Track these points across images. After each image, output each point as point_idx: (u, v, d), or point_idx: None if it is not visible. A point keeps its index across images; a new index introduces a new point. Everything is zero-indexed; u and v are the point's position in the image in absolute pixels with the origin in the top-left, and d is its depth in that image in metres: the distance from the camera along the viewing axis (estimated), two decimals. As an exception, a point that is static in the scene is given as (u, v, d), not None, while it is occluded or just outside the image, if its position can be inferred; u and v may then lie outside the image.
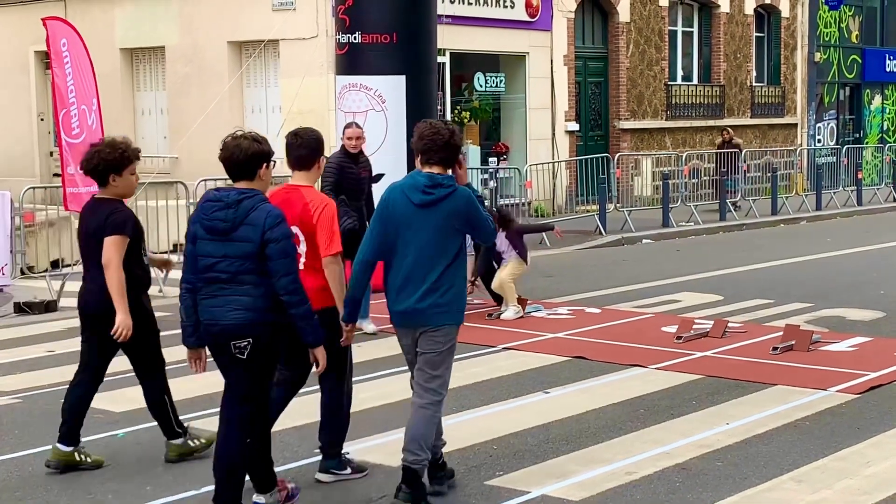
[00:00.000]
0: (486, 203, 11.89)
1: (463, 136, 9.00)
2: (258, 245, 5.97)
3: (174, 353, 10.75)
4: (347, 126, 11.57)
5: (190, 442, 7.54)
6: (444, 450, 6.91)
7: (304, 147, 6.92)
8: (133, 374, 10.00)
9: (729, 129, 26.56)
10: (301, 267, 6.41)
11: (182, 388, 9.41)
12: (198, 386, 9.47)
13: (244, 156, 6.12)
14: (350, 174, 11.19)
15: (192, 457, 7.44)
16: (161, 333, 11.87)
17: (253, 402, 6.16)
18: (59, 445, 7.29)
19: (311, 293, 6.30)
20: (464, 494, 6.73)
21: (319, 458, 7.27)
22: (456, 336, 6.60)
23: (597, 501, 6.61)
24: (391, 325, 6.83)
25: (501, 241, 12.52)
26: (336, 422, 6.99)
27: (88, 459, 7.34)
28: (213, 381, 9.63)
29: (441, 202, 6.45)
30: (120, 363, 10.39)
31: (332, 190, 10.74)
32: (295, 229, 6.55)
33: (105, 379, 9.71)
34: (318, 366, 6.29)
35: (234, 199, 6.04)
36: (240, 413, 6.15)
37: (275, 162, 6.33)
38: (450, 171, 6.57)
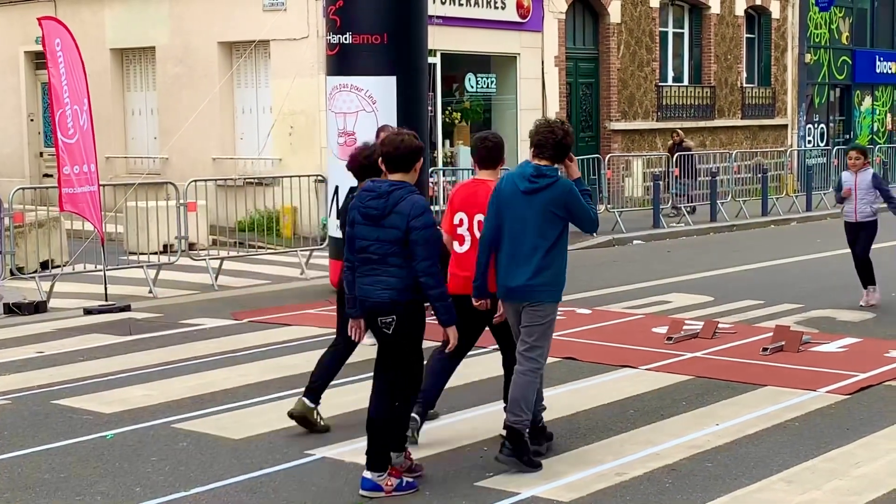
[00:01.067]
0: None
1: (502, 141, 9.17)
2: (404, 232, 6.68)
3: (173, 353, 10.76)
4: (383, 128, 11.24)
5: (318, 419, 8.10)
6: (435, 450, 6.97)
7: (493, 149, 7.92)
8: (121, 375, 10.01)
9: (679, 130, 25.82)
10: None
11: (171, 388, 9.41)
12: (185, 388, 9.47)
13: (407, 150, 6.83)
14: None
15: (310, 428, 8.03)
16: (154, 334, 11.90)
17: (400, 370, 6.91)
18: (304, 399, 8.04)
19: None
20: (454, 495, 6.73)
21: (308, 459, 7.28)
22: (555, 312, 7.40)
23: (587, 502, 6.61)
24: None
25: None
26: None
27: (321, 423, 8.06)
28: (202, 383, 9.63)
29: (543, 191, 7.28)
30: (110, 365, 10.40)
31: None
32: (480, 216, 7.59)
33: (94, 380, 9.73)
34: (451, 344, 6.96)
35: (386, 189, 6.77)
36: (390, 378, 6.93)
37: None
38: (557, 165, 7.39)
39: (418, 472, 7.03)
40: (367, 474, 6.76)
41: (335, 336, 8.42)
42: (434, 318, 6.83)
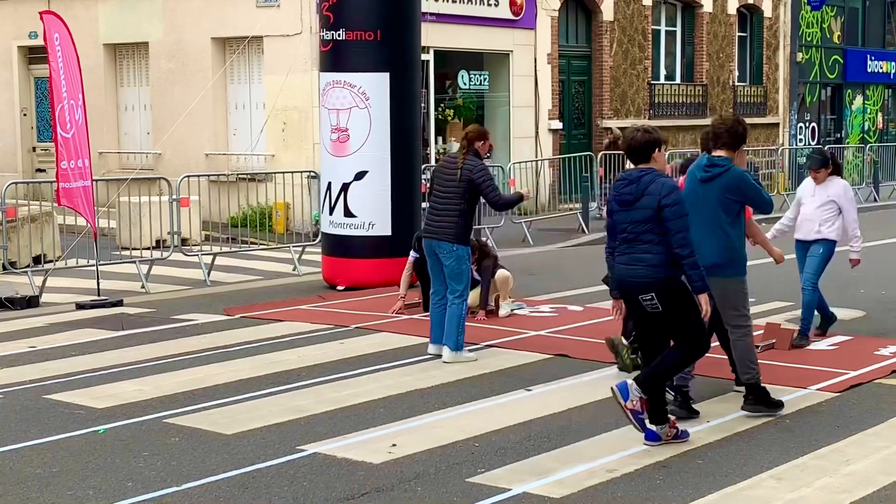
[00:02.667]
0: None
1: (488, 133, 10.43)
2: (655, 211, 7.51)
3: (165, 349, 10.77)
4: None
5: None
6: (426, 446, 7.01)
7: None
8: (113, 370, 10.02)
9: (615, 128, 24.90)
10: None
11: (164, 383, 9.42)
12: (178, 383, 9.49)
13: (638, 144, 7.78)
14: None
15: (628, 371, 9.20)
16: (147, 329, 11.90)
17: (685, 341, 7.66)
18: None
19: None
20: (445, 492, 6.75)
21: (300, 455, 7.31)
22: (744, 284, 8.50)
23: (578, 499, 6.63)
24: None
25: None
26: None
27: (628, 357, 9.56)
28: (194, 378, 9.65)
29: (716, 178, 8.34)
30: (102, 360, 10.41)
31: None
32: None
33: (86, 375, 9.74)
34: (702, 311, 7.61)
35: (636, 176, 7.68)
36: (678, 347, 7.70)
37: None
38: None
39: (685, 436, 7.78)
40: (651, 427, 7.61)
41: None
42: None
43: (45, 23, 13.51)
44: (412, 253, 12.48)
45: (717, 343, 10.83)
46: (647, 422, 7.63)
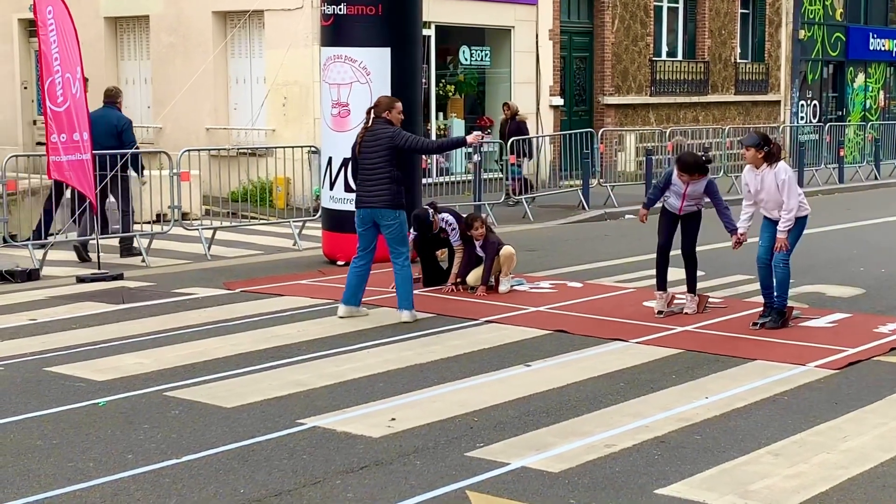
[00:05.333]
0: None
1: (396, 101, 11.17)
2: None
3: (165, 322, 10.79)
4: None
5: None
6: (425, 420, 7.01)
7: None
8: (114, 343, 10.07)
9: (510, 102, 22.24)
10: None
11: (164, 357, 9.45)
12: (178, 356, 9.51)
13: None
14: None
15: None
16: (147, 303, 11.93)
17: None
18: None
19: None
20: (444, 465, 6.78)
21: (300, 428, 7.34)
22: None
23: (576, 473, 6.66)
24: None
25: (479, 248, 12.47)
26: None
27: None
28: (195, 352, 9.67)
29: None
30: (102, 333, 10.44)
31: None
32: None
33: (87, 348, 9.77)
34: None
35: None
36: None
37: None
38: None
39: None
40: None
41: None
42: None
43: None
44: (412, 230, 12.49)
45: (706, 323, 10.86)
46: None
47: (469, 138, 11.36)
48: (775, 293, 10.65)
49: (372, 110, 11.09)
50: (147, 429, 7.48)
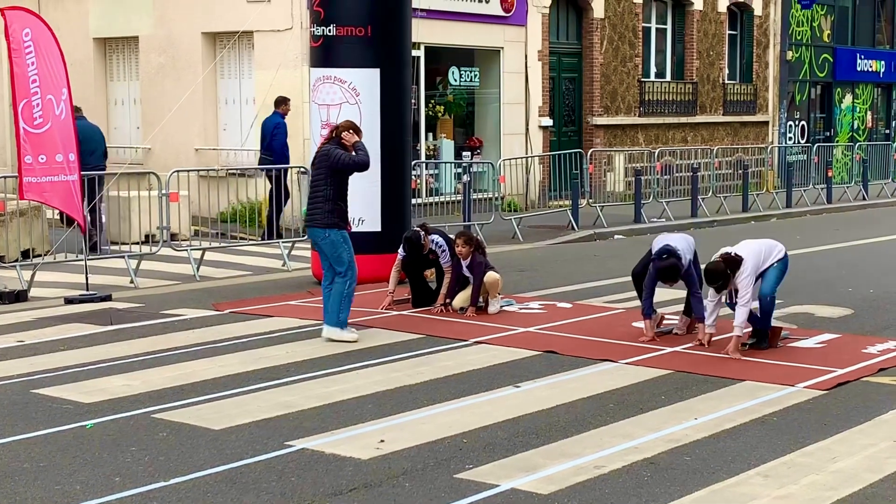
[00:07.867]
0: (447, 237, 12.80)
1: (353, 124, 11.28)
2: None
3: (154, 343, 10.76)
4: None
5: None
6: (414, 442, 7.02)
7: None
8: (102, 365, 10.02)
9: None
10: None
11: (152, 378, 9.42)
12: (166, 378, 9.48)
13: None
14: None
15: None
16: (136, 324, 11.90)
17: None
18: None
19: None
20: (433, 487, 6.76)
21: (288, 450, 7.31)
22: None
23: (565, 495, 6.64)
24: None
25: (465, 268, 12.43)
26: None
27: None
28: (183, 373, 9.64)
29: None
30: (90, 354, 10.40)
31: None
32: None
33: (74, 370, 9.73)
34: None
35: None
36: None
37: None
38: None
39: None
40: None
41: None
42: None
43: (6, 18, 13.37)
44: (400, 251, 12.51)
45: (695, 344, 10.86)
46: None
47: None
48: (760, 318, 10.65)
49: (332, 131, 11.27)
50: (135, 451, 7.45)
